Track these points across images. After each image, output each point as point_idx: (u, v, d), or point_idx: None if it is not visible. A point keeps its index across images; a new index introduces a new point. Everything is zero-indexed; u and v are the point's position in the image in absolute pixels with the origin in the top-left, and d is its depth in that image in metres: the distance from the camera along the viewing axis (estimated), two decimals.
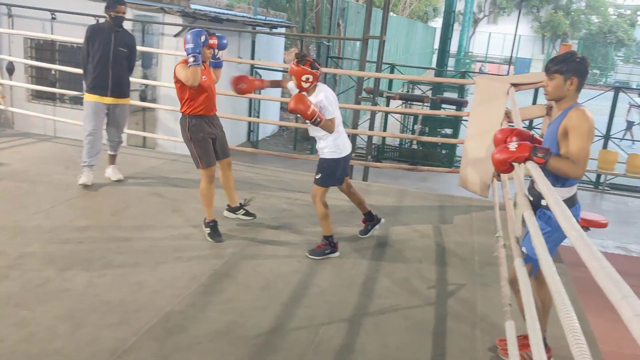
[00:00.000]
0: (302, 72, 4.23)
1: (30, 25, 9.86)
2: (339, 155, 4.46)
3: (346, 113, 16.44)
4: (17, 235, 4.29)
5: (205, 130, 4.53)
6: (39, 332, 3.10)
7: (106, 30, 5.42)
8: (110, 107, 5.54)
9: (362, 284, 4.04)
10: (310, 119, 4.18)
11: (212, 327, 3.32)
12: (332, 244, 4.51)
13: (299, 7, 17.18)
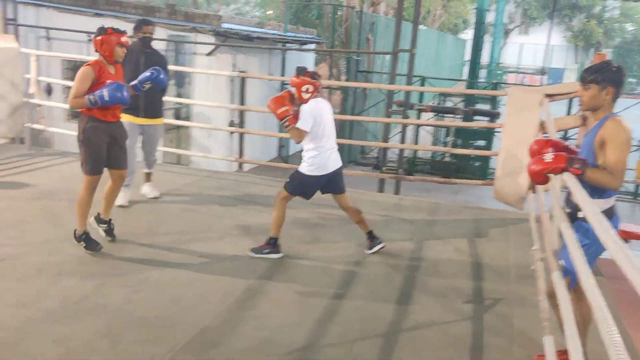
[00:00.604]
0: (303, 82, 4.33)
1: (66, 47, 10.16)
2: (311, 172, 4.46)
3: (377, 126, 16.44)
4: (55, 253, 4.39)
5: (100, 136, 4.32)
6: (77, 348, 3.16)
7: (135, 51, 5.44)
8: (143, 128, 5.60)
9: (396, 299, 4.00)
10: (279, 118, 4.33)
11: (246, 343, 3.32)
12: (274, 246, 4.57)
13: (329, 23, 17.30)
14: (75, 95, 4.18)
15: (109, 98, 4.11)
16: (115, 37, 4.25)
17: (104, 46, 4.25)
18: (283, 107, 4.27)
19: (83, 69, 4.20)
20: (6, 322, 3.34)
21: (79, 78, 4.19)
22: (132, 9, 11.07)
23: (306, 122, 4.30)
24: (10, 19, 9.47)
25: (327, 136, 4.46)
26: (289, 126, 4.29)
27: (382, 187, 7.43)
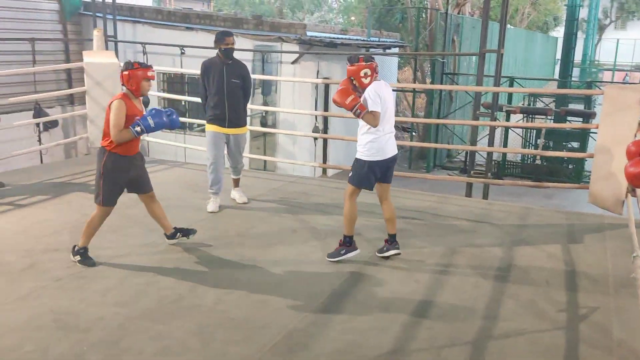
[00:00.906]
0: (359, 68, 4.27)
1: (161, 61, 10.71)
2: (371, 157, 4.36)
3: (463, 129, 16.09)
4: (153, 255, 4.63)
5: (120, 171, 4.34)
6: (172, 346, 3.32)
7: (218, 64, 5.61)
8: (229, 137, 5.76)
9: (484, 306, 3.90)
10: (349, 109, 4.23)
11: (333, 345, 3.36)
12: (349, 244, 4.48)
13: (412, 26, 17.16)
14: (118, 129, 4.16)
15: (155, 125, 4.17)
16: (142, 71, 4.27)
17: (131, 81, 4.26)
18: (350, 97, 4.22)
19: (116, 102, 4.19)
20: (108, 320, 3.57)
21: (116, 112, 4.17)
22: (221, 22, 11.49)
23: (376, 104, 4.23)
24: (110, 35, 10.11)
25: (387, 119, 4.37)
26: (361, 113, 4.22)
27: (469, 191, 7.26)
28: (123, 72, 4.27)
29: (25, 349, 3.23)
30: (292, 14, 30.96)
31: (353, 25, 26.42)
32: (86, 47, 10.83)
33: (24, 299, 3.82)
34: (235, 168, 6.02)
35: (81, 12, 11.54)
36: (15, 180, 6.77)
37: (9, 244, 4.79)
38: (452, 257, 4.77)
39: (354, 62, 4.29)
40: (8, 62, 9.27)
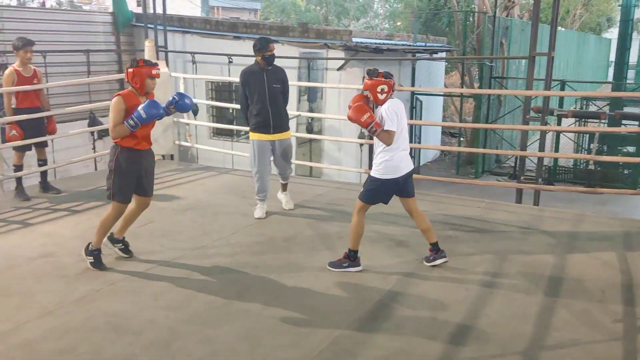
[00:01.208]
0: (377, 83, 4.23)
1: (210, 70, 10.91)
2: (385, 176, 4.32)
3: (513, 134, 15.75)
4: (203, 260, 4.72)
5: (132, 165, 4.36)
6: (221, 350, 3.37)
7: (258, 71, 5.65)
8: (275, 143, 5.78)
9: (536, 315, 3.80)
10: (364, 126, 4.18)
11: (381, 352, 3.34)
12: (353, 259, 4.41)
13: (459, 30, 16.94)
14: (114, 125, 4.22)
15: (147, 115, 4.15)
16: (146, 69, 4.29)
17: (135, 78, 4.28)
18: (366, 114, 4.16)
19: (114, 99, 4.25)
20: (159, 323, 3.65)
21: (113, 109, 4.23)
22: (267, 30, 11.63)
23: (393, 122, 4.19)
24: (161, 46, 10.37)
25: (402, 137, 4.34)
26: (376, 131, 4.18)
27: (520, 197, 7.09)
28: (128, 69, 4.32)
29: (80, 350, 3.34)
30: (337, 20, 31.06)
31: (399, 30, 26.32)
32: (138, 57, 11.15)
33: (79, 301, 3.95)
34: (284, 174, 6.03)
35: (133, 24, 11.89)
36: (71, 186, 7.02)
37: (66, 248, 4.96)
38: (502, 264, 4.68)
39: (372, 76, 4.27)
40: (64, 73, 9.63)
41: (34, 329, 3.56)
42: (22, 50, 6.17)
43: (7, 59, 8.74)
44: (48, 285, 4.21)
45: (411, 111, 14.52)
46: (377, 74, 4.26)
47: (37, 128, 6.42)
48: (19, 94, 6.23)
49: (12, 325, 3.60)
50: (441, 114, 18.20)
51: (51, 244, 5.06)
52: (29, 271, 4.46)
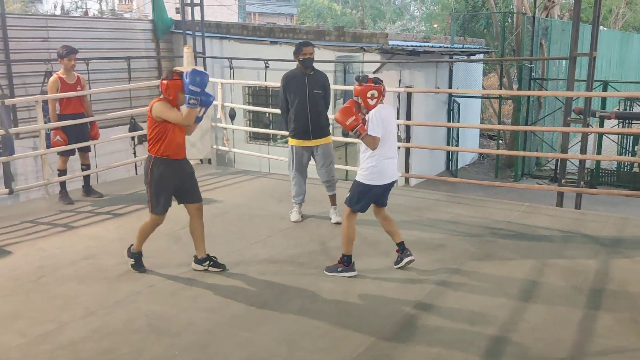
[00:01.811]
0: (367, 88, 4.22)
1: (247, 75, 11.03)
2: (370, 181, 4.30)
3: (553, 136, 15.43)
4: (240, 263, 4.76)
5: (168, 176, 4.32)
6: (258, 353, 3.39)
7: (299, 75, 5.59)
8: (314, 149, 5.72)
9: (579, 321, 3.71)
10: (348, 129, 4.17)
11: (418, 358, 3.31)
12: (347, 263, 4.39)
13: (498, 32, 16.69)
14: (177, 116, 4.24)
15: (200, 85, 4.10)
16: (178, 83, 4.24)
17: (169, 90, 4.25)
18: (351, 117, 4.17)
19: (159, 103, 4.25)
20: (198, 325, 3.70)
21: (166, 108, 4.24)
22: (304, 34, 11.70)
23: (377, 128, 4.19)
24: (199, 52, 10.55)
25: (390, 143, 4.32)
26: (361, 135, 4.18)
27: (561, 201, 6.94)
28: (162, 80, 4.29)
29: (122, 351, 3.41)
30: (373, 24, 31.01)
31: (436, 32, 26.11)
32: (177, 63, 11.36)
33: (121, 303, 4.04)
34: (328, 183, 5.79)
35: (172, 31, 12.12)
36: (113, 190, 7.19)
37: (108, 250, 5.08)
38: (543, 269, 4.58)
39: (362, 82, 4.27)
40: (106, 79, 9.88)
41: (78, 330, 3.66)
42: (66, 58, 6.36)
43: (52, 66, 9.01)
44: (90, 286, 4.32)
45: (448, 113, 14.38)
46: (366, 80, 4.28)
47: (80, 133, 6.60)
48: (62, 101, 6.41)
49: (57, 326, 3.71)
50: (479, 116, 17.97)
51: (93, 246, 5.19)
52: (73, 273, 4.58)
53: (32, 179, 8.89)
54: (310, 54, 5.52)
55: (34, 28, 9.68)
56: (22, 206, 7.00)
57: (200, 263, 4.57)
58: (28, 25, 9.79)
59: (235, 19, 30.10)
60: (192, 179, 4.53)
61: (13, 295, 4.19)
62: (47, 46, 9.55)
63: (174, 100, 4.30)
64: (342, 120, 4.19)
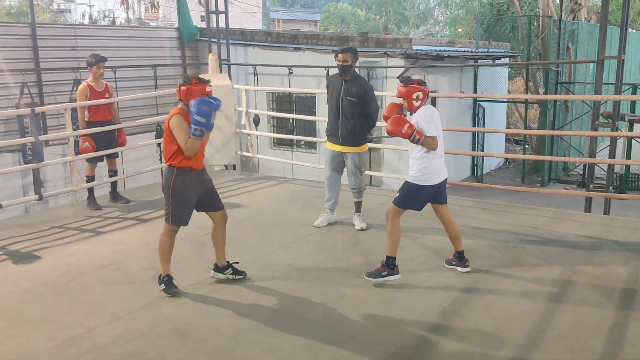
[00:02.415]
0: (412, 90, 4.21)
1: (271, 81, 11.10)
2: (422, 182, 4.28)
3: (581, 141, 15.18)
4: (264, 268, 4.77)
5: (191, 186, 4.23)
6: (283, 359, 3.39)
7: (339, 79, 5.56)
8: (343, 155, 5.65)
9: (608, 330, 3.63)
10: (407, 137, 4.14)
11: None
12: (392, 267, 4.29)
13: (523, 35, 16.51)
14: (185, 142, 4.08)
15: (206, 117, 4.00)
16: (200, 87, 4.12)
17: (189, 96, 4.09)
18: (405, 126, 4.17)
19: (175, 118, 4.12)
20: (223, 331, 3.72)
21: (179, 128, 4.10)
22: (328, 40, 11.72)
23: (432, 128, 4.20)
24: (224, 59, 10.64)
25: (440, 142, 4.30)
26: (419, 139, 4.16)
27: (589, 206, 6.82)
28: (181, 86, 4.15)
29: (147, 356, 3.44)
30: (397, 29, 30.94)
31: (460, 37, 25.94)
32: (202, 70, 11.47)
33: (147, 308, 4.08)
34: (353, 190, 5.77)
35: (197, 38, 12.26)
36: (139, 196, 7.27)
37: (134, 256, 5.14)
38: (571, 276, 4.50)
39: (407, 84, 4.25)
40: (133, 87, 10.03)
41: (104, 334, 3.70)
42: (95, 66, 6.48)
43: (80, 75, 9.18)
44: (117, 291, 4.37)
45: (474, 118, 14.26)
46: (412, 82, 4.26)
47: (108, 140, 6.71)
48: (91, 108, 6.53)
49: (83, 330, 3.76)
50: (505, 120, 17.78)
51: (120, 251, 5.26)
52: (99, 278, 4.64)
53: (61, 186, 9.05)
54: (345, 61, 5.40)
55: (63, 37, 9.88)
56: (51, 212, 7.12)
57: (221, 271, 4.53)
58: (57, 34, 10.00)
59: (259, 26, 30.34)
60: (213, 187, 4.46)
61: (42, 299, 4.27)
62: (76, 55, 9.73)
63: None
64: (396, 131, 4.20)
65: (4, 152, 8.65)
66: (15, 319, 3.95)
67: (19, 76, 8.58)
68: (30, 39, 9.13)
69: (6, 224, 6.34)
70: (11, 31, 9.24)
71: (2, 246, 5.46)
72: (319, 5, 44.06)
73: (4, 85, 8.57)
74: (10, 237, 5.70)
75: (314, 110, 11.10)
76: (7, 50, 8.68)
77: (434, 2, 34.11)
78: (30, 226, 6.06)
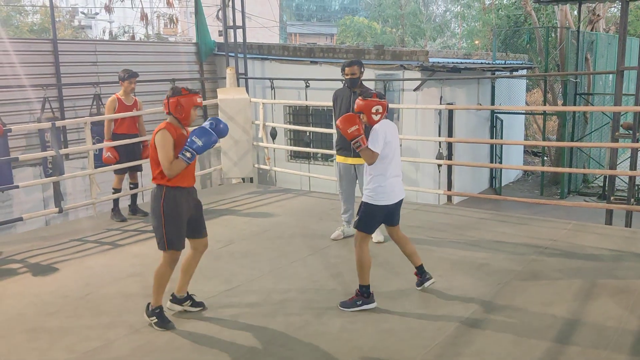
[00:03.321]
0: (371, 103, 4.07)
1: (288, 94, 11.16)
2: (376, 202, 4.12)
3: (601, 153, 15.01)
4: (280, 281, 4.77)
5: (182, 205, 3.90)
6: None
7: (346, 92, 5.61)
8: (355, 167, 5.67)
9: (630, 345, 3.56)
10: (349, 138, 4.04)
11: None
12: (367, 295, 4.14)
13: (541, 47, 16.43)
14: (169, 161, 3.78)
15: (203, 143, 3.78)
16: (191, 98, 3.88)
17: (179, 108, 3.85)
18: (354, 127, 4.00)
19: (160, 134, 3.83)
20: (240, 344, 3.72)
21: (163, 144, 3.80)
22: (344, 54, 11.76)
23: (378, 143, 4.02)
24: (241, 73, 10.74)
25: (395, 161, 4.18)
26: (360, 147, 4.03)
27: (610, 219, 6.73)
28: (170, 98, 3.88)
29: None
30: (413, 41, 30.99)
31: (477, 49, 25.89)
32: (220, 84, 11.57)
33: None
34: None
35: (215, 53, 12.38)
36: None
37: (152, 268, 5.11)
38: (592, 290, 4.43)
39: (366, 97, 4.12)
40: (152, 101, 10.14)
41: (123, 347, 3.72)
42: (127, 81, 6.62)
43: (100, 89, 9.32)
44: (135, 304, 4.39)
45: (491, 130, 14.19)
46: (370, 95, 4.14)
47: (132, 153, 6.80)
48: (117, 120, 6.65)
49: (102, 343, 3.78)
50: (523, 132, 17.65)
51: (139, 264, 5.29)
52: (118, 290, 4.68)
53: (81, 199, 9.16)
54: (353, 74, 5.47)
55: (84, 53, 10.04)
56: (70, 225, 7.21)
57: (180, 303, 4.19)
58: (78, 50, 10.16)
59: (276, 40, 30.58)
60: (201, 211, 4.12)
61: (62, 311, 4.31)
62: (96, 70, 9.89)
63: (187, 119, 3.91)
64: (343, 128, 4.04)
65: (26, 166, 8.79)
66: (35, 331, 3.99)
67: (41, 91, 8.73)
68: (52, 55, 9.30)
69: (27, 236, 6.43)
70: (33, 47, 9.41)
71: (23, 259, 5.53)
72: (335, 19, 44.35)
73: (26, 100, 8.73)
74: (30, 249, 5.78)
75: (330, 123, 11.12)
76: (30, 65, 8.85)
77: (451, 15, 34.13)
78: (50, 239, 6.14)
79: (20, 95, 8.65)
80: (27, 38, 17.81)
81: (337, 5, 54.78)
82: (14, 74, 8.55)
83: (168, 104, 3.89)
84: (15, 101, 8.65)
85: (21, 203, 8.72)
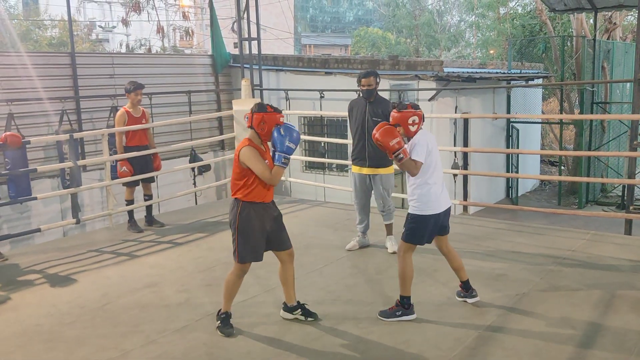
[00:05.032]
0: (407, 115, 4.05)
1: (302, 105, 11.19)
2: (423, 212, 4.07)
3: (619, 162, 14.84)
4: (297, 292, 4.72)
5: (258, 222, 3.95)
6: None
7: (362, 102, 5.63)
8: (371, 177, 5.66)
9: None
10: (391, 152, 3.96)
11: None
12: (407, 306, 4.09)
13: (557, 56, 16.33)
14: (263, 171, 3.87)
15: (294, 141, 3.87)
16: (276, 116, 3.91)
17: (262, 125, 3.89)
18: (395, 139, 3.95)
19: (248, 150, 3.88)
20: (256, 354, 3.71)
21: (254, 159, 3.86)
22: (358, 64, 11.79)
23: (421, 153, 4.00)
24: (256, 84, 10.80)
25: (438, 169, 4.15)
26: (402, 159, 3.98)
27: (629, 228, 6.63)
28: (254, 113, 3.91)
29: None
30: (428, 52, 30.98)
31: (492, 58, 25.81)
32: (235, 96, 11.65)
33: (181, 331, 4.10)
34: (383, 212, 5.74)
35: (231, 65, 12.47)
36: (174, 220, 7.37)
37: (168, 279, 5.19)
38: (612, 300, 4.36)
39: (401, 109, 4.10)
40: (168, 113, 10.23)
41: (139, 357, 3.73)
42: (133, 93, 6.69)
43: (117, 101, 9.42)
44: (151, 314, 4.41)
45: (507, 140, 14.10)
46: (405, 106, 4.13)
47: (144, 165, 6.86)
48: (128, 133, 6.71)
49: (119, 353, 3.80)
50: (539, 142, 17.52)
51: (155, 274, 5.32)
52: (135, 301, 4.70)
53: (98, 210, 9.23)
54: (369, 85, 5.49)
55: (101, 65, 10.17)
56: (88, 236, 7.27)
57: (288, 311, 4.26)
58: (95, 63, 10.30)
59: (291, 52, 30.76)
60: (281, 223, 4.17)
61: (79, 321, 4.34)
62: (113, 82, 10.00)
63: (267, 135, 3.93)
64: (384, 141, 3.99)
65: (44, 178, 8.89)
66: (52, 341, 4.01)
67: (59, 104, 8.85)
68: (70, 68, 9.42)
69: (45, 247, 6.49)
70: (52, 60, 9.54)
71: (41, 269, 5.59)
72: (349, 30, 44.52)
73: (44, 112, 8.85)
74: (48, 260, 5.84)
75: (345, 133, 11.13)
76: (48, 79, 8.97)
77: (465, 25, 34.08)
78: (67, 250, 6.19)
79: (38, 107, 8.76)
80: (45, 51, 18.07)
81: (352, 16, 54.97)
82: (32, 87, 8.68)
83: (252, 118, 3.93)
84: (34, 114, 8.76)
85: (39, 214, 8.81)
